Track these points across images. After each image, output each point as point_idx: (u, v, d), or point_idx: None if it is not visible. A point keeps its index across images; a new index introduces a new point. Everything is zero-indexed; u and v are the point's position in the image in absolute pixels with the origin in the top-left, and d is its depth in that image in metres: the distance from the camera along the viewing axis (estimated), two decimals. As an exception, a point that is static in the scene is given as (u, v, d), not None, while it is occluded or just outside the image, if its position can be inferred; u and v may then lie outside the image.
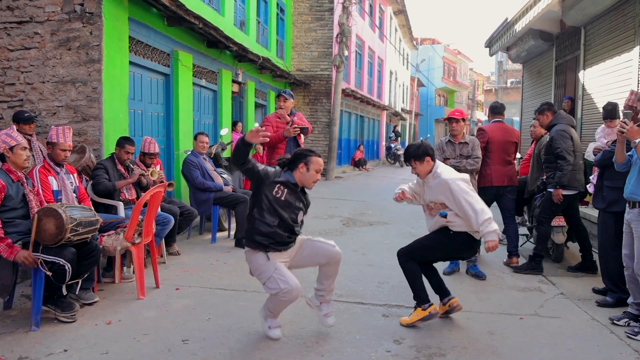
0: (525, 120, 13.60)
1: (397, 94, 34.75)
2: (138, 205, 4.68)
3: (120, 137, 5.84)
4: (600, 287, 5.15)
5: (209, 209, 7.02)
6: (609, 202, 4.78)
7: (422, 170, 4.28)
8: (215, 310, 4.42)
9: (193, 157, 7.06)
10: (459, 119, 5.74)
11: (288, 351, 3.66)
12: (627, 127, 3.99)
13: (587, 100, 9.25)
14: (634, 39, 7.42)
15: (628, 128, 3.98)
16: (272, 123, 6.64)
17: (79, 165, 5.64)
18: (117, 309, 4.40)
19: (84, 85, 6.28)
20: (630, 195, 4.10)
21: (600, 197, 4.89)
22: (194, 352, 3.60)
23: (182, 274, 5.49)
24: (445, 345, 3.82)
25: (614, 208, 4.77)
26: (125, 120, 6.95)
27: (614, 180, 4.75)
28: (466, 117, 5.88)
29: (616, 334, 4.10)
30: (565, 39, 10.48)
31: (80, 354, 3.52)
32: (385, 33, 27.56)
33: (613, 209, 4.77)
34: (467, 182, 4.19)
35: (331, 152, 16.61)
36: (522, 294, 5.14)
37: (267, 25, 14.53)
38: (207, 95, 10.32)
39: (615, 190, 4.74)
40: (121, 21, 6.72)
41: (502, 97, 54.20)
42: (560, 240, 6.23)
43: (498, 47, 13.27)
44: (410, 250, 4.33)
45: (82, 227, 4.08)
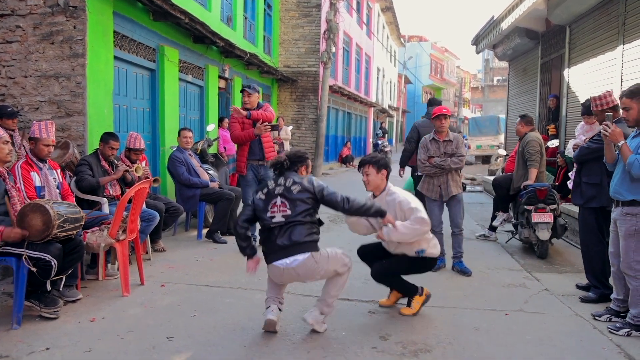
0: (511, 118, 13.69)
1: (385, 90, 34.82)
2: (122, 201, 4.64)
3: (105, 133, 5.78)
4: (583, 283, 5.20)
5: (195, 205, 6.99)
6: (587, 198, 4.82)
7: (374, 181, 4.26)
8: (200, 307, 4.39)
9: (178, 153, 7.01)
10: (448, 115, 5.74)
11: (274, 348, 3.64)
12: (609, 131, 4.03)
13: (571, 98, 9.34)
14: (617, 38, 7.50)
15: (610, 131, 4.02)
16: (237, 120, 6.37)
17: (62, 161, 5.58)
18: (101, 306, 4.35)
19: (67, 80, 6.20)
20: (614, 195, 4.13)
21: (578, 193, 4.93)
22: (179, 349, 3.57)
23: (168, 271, 5.45)
24: (430, 341, 3.83)
25: (592, 204, 4.81)
26: (110, 115, 6.88)
27: (591, 177, 4.79)
28: (451, 114, 5.89)
29: (599, 329, 4.14)
30: (551, 38, 10.57)
31: (63, 352, 3.48)
32: (373, 30, 27.58)
33: (591, 204, 4.81)
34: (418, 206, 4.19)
35: (318, 149, 16.60)
36: (507, 290, 5.17)
37: (254, 21, 14.46)
38: (193, 91, 10.25)
39: (593, 186, 4.79)
40: (106, 15, 6.64)
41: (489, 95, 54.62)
42: (545, 236, 6.28)
43: (484, 45, 13.36)
44: (385, 271, 4.37)
45: (69, 223, 4.04)
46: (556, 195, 6.49)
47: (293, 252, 3.69)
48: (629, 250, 4.01)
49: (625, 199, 4.01)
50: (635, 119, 4.01)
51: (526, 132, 6.84)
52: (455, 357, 3.58)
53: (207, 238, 6.91)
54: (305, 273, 3.74)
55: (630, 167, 3.86)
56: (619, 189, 4.06)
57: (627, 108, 4.02)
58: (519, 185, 6.76)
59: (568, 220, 7.22)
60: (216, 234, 6.88)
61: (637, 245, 3.99)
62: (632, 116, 4.01)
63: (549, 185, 6.59)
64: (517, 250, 6.89)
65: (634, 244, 3.99)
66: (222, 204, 6.90)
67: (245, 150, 6.37)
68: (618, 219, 4.10)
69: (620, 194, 4.04)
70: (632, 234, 3.99)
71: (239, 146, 6.49)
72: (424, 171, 5.81)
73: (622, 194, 4.02)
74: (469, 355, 3.62)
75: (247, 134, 6.27)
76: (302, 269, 3.71)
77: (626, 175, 3.99)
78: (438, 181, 5.72)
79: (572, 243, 7.28)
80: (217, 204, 6.97)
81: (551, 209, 6.35)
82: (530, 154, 6.61)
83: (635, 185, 3.95)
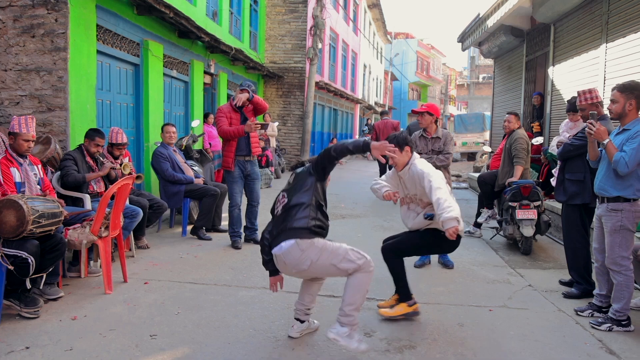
0: (496, 115, 13.77)
1: (371, 87, 34.84)
2: (105, 197, 4.57)
3: (90, 129, 5.70)
4: (566, 279, 5.25)
5: (179, 201, 6.93)
6: (570, 195, 4.86)
7: (401, 161, 4.09)
8: (184, 304, 4.35)
9: (163, 149, 6.94)
10: (423, 112, 5.75)
11: (258, 345, 3.62)
12: (594, 129, 4.06)
13: (555, 96, 9.40)
14: (601, 36, 7.56)
15: (595, 130, 4.05)
16: (225, 114, 6.26)
17: (43, 157, 5.49)
18: (83, 304, 4.29)
19: (49, 74, 6.10)
20: (599, 191, 4.17)
21: (561, 190, 4.97)
22: (162, 347, 3.53)
23: (151, 268, 5.39)
24: (415, 338, 3.83)
25: (575, 201, 4.85)
26: (93, 110, 6.78)
27: (574, 173, 4.84)
28: (436, 112, 5.85)
29: (581, 325, 4.18)
30: (536, 36, 10.64)
31: (44, 351, 3.42)
32: (359, 26, 27.56)
33: (574, 201, 4.85)
34: (442, 177, 3.99)
35: (304, 145, 16.56)
36: (492, 286, 5.20)
37: (240, 16, 14.36)
38: (178, 86, 10.15)
39: (576, 183, 4.83)
40: (88, 8, 6.54)
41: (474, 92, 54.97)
42: (529, 233, 6.32)
43: (470, 42, 13.40)
44: (397, 247, 4.22)
45: (45, 218, 3.97)
46: (540, 192, 6.54)
47: (282, 239, 3.42)
48: (615, 246, 4.05)
49: (610, 195, 4.05)
50: (618, 112, 4.06)
51: (515, 128, 6.87)
52: (440, 353, 3.59)
53: (192, 235, 6.87)
54: (291, 263, 3.39)
55: (617, 165, 3.90)
56: (604, 186, 4.10)
57: (615, 100, 4.06)
58: (504, 181, 6.80)
59: (552, 216, 7.28)
60: (201, 230, 6.84)
61: (622, 241, 4.03)
62: (617, 109, 4.06)
63: (533, 182, 6.63)
64: (502, 247, 6.94)
65: (619, 239, 4.03)
66: (207, 200, 6.86)
67: (233, 146, 6.26)
68: (603, 215, 4.14)
69: (606, 191, 4.08)
70: (618, 230, 4.03)
71: (226, 142, 6.35)
72: None
73: (608, 190, 4.07)
74: (453, 351, 3.62)
75: (236, 130, 6.14)
76: (288, 258, 3.39)
77: (611, 172, 4.04)
78: None
79: (556, 239, 7.34)
80: (201, 200, 6.92)
81: (535, 206, 6.40)
82: (517, 151, 6.65)
83: (620, 181, 3.99)
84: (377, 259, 6.03)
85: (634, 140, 3.90)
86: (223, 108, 6.36)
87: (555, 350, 3.69)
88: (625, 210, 4.00)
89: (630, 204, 4.00)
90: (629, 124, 4.02)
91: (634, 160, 3.86)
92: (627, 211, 4.00)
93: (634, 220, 4.04)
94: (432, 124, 5.83)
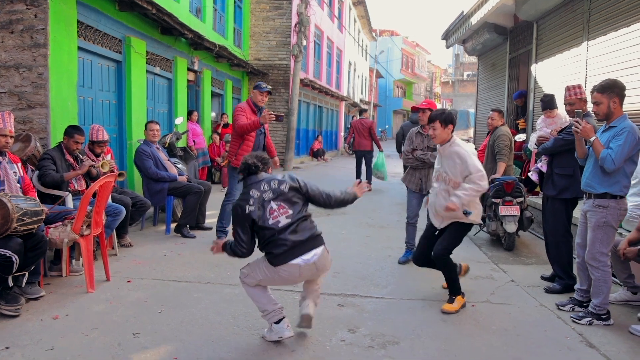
0: (480, 112, 13.86)
1: (356, 84, 34.88)
2: (86, 195, 4.53)
3: (69, 126, 5.62)
4: (548, 274, 5.31)
5: (163, 199, 6.87)
6: (559, 189, 4.92)
7: (440, 135, 4.45)
8: (167, 302, 4.32)
9: (145, 147, 6.88)
10: (425, 109, 5.76)
11: (242, 342, 3.61)
12: (580, 127, 4.11)
13: (538, 93, 9.49)
14: (582, 34, 7.65)
15: (581, 128, 4.10)
16: (245, 111, 6.28)
17: (24, 155, 5.41)
18: (65, 303, 4.25)
19: (28, 70, 6.01)
20: (585, 187, 4.23)
21: (550, 185, 5.02)
22: (145, 345, 3.51)
23: (134, 266, 5.35)
24: (399, 333, 3.85)
25: (564, 195, 4.90)
26: (74, 108, 6.70)
27: (564, 168, 4.89)
28: (434, 108, 5.88)
29: (562, 319, 4.23)
30: (519, 33, 10.72)
31: (24, 351, 3.38)
32: (344, 23, 27.56)
33: (564, 195, 4.91)
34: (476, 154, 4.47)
35: (289, 143, 16.54)
36: (475, 281, 5.24)
37: (224, 13, 14.29)
38: (161, 83, 10.08)
39: (565, 177, 4.88)
40: (68, 4, 6.45)
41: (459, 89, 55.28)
42: (512, 229, 6.38)
43: (454, 39, 13.48)
44: (448, 249, 4.52)
45: (29, 216, 3.94)
46: (523, 189, 6.60)
47: (311, 247, 3.54)
48: (596, 242, 4.11)
49: (597, 191, 4.10)
50: (605, 113, 4.10)
51: (498, 125, 6.92)
52: (423, 349, 3.61)
53: (176, 232, 6.83)
54: (322, 267, 3.63)
55: (603, 162, 3.96)
56: (590, 182, 4.15)
57: (598, 102, 4.10)
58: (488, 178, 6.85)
59: (534, 213, 7.35)
60: (185, 228, 6.80)
61: (603, 237, 4.09)
62: (602, 110, 4.10)
63: (516, 178, 6.69)
64: (485, 243, 6.99)
65: (601, 235, 4.09)
66: (190, 197, 6.81)
67: (249, 147, 6.24)
68: (589, 210, 4.19)
69: (592, 187, 4.13)
70: (601, 226, 4.08)
71: (242, 140, 6.26)
72: (407, 163, 5.92)
73: (594, 186, 4.12)
74: (436, 347, 3.65)
75: (252, 123, 6.13)
76: (320, 263, 3.58)
77: (598, 169, 4.09)
78: (420, 174, 5.79)
79: (539, 235, 7.42)
80: (185, 197, 6.88)
81: (518, 202, 6.46)
82: (500, 147, 6.70)
83: (607, 178, 4.04)
84: (364, 256, 6.05)
85: (620, 137, 3.95)
86: (243, 105, 6.37)
87: (536, 345, 3.74)
88: (611, 207, 4.05)
89: (617, 201, 4.05)
90: (614, 122, 4.07)
91: (620, 157, 3.91)
92: (612, 208, 4.05)
93: (617, 218, 4.09)
94: None
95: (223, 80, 14.18)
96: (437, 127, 4.44)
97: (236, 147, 6.29)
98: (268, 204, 3.52)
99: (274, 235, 3.49)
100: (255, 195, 3.53)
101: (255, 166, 3.62)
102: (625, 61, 6.46)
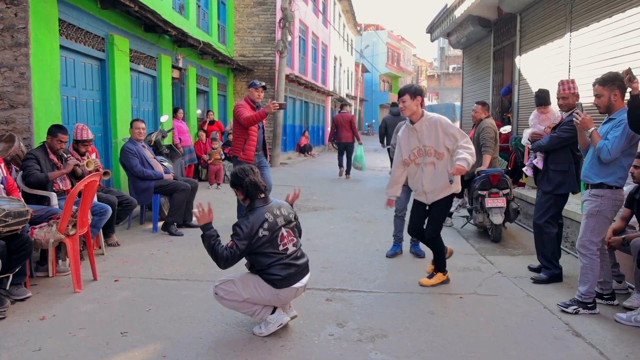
0: (465, 104, 13.92)
1: (342, 79, 34.88)
2: (71, 195, 4.49)
3: (52, 126, 5.56)
4: (535, 265, 5.36)
5: (149, 198, 6.84)
6: (555, 185, 4.98)
7: (410, 107, 4.58)
8: (155, 300, 4.31)
9: (131, 145, 6.83)
10: None
11: (231, 338, 3.61)
12: (579, 118, 4.16)
13: (523, 85, 9.55)
14: (565, 25, 7.69)
15: (581, 119, 4.16)
16: (246, 107, 6.81)
17: (7, 155, 5.35)
18: (52, 303, 4.22)
19: (10, 70, 5.94)
20: (584, 178, 4.30)
21: (545, 180, 5.07)
22: (134, 344, 3.50)
23: (122, 265, 5.32)
24: (387, 327, 3.87)
25: (560, 190, 4.97)
26: (58, 107, 6.64)
27: (559, 164, 4.96)
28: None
29: (549, 309, 4.28)
30: (503, 26, 10.76)
31: (10, 352, 3.35)
32: (329, 18, 27.52)
33: (559, 191, 4.97)
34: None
35: (276, 139, 16.51)
36: (462, 273, 5.28)
37: (208, 9, 14.20)
38: (145, 81, 10.00)
39: (560, 173, 4.95)
40: (49, 3, 6.37)
41: (445, 83, 55.46)
42: (498, 221, 6.42)
43: (439, 33, 13.50)
44: (438, 229, 4.79)
45: (12, 217, 3.89)
46: (509, 180, 6.65)
47: (306, 272, 3.80)
48: (587, 230, 4.17)
49: (593, 182, 4.17)
50: (606, 105, 4.16)
51: (482, 118, 6.96)
52: (412, 341, 3.63)
53: (163, 231, 6.80)
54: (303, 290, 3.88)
55: (600, 152, 4.03)
56: (588, 173, 4.22)
57: (599, 95, 4.15)
58: (473, 170, 6.89)
59: (520, 204, 7.41)
60: (172, 226, 6.77)
61: (595, 226, 4.14)
62: (603, 103, 4.15)
63: (501, 170, 6.74)
64: (472, 235, 7.04)
65: (594, 223, 4.15)
66: (177, 195, 6.79)
67: (254, 141, 6.80)
68: (585, 200, 4.25)
69: (590, 177, 4.20)
70: (594, 214, 4.14)
71: (246, 136, 6.75)
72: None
73: (591, 177, 4.19)
74: (424, 339, 3.67)
75: (258, 114, 6.65)
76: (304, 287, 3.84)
77: (596, 160, 4.16)
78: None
79: (525, 226, 7.49)
80: (172, 195, 6.85)
81: (504, 194, 6.51)
82: (485, 140, 6.74)
83: (605, 168, 4.10)
84: (352, 250, 6.06)
85: (617, 129, 4.02)
86: (242, 103, 6.89)
87: (523, 335, 3.77)
88: (606, 197, 4.10)
89: (612, 191, 4.10)
90: (614, 114, 4.14)
91: (616, 147, 3.98)
92: (607, 198, 4.10)
93: (612, 208, 4.13)
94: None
95: (208, 77, 14.10)
96: (406, 99, 4.59)
97: (242, 142, 6.78)
98: (279, 230, 3.61)
99: (281, 260, 3.59)
100: (270, 220, 3.58)
101: (265, 188, 3.71)
102: (607, 52, 6.51)
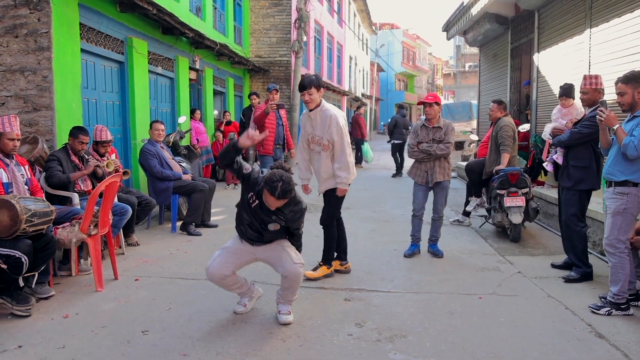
0: (483, 103, 13.83)
1: (357, 79, 34.82)
2: (93, 195, 4.56)
3: (74, 127, 5.65)
4: (558, 262, 5.30)
5: (168, 198, 6.91)
6: (575, 181, 4.94)
7: (315, 100, 4.70)
8: (175, 300, 4.36)
9: (150, 146, 6.91)
10: (432, 102, 5.76)
11: (250, 338, 3.64)
12: (604, 115, 4.13)
13: (541, 82, 9.46)
14: (585, 21, 7.61)
15: (605, 116, 4.12)
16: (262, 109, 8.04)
17: (31, 156, 5.45)
18: (74, 302, 4.29)
19: (33, 74, 6.04)
20: (607, 175, 4.25)
21: (566, 176, 5.03)
22: (154, 342, 3.54)
23: (142, 265, 5.39)
24: (406, 327, 3.87)
25: (580, 186, 4.93)
26: (79, 109, 6.73)
27: (580, 160, 4.91)
28: (440, 101, 5.89)
29: (571, 310, 4.23)
30: (520, 23, 10.67)
31: (36, 349, 3.42)
32: (344, 18, 27.49)
33: (580, 187, 4.93)
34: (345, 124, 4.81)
35: (293, 138, 16.51)
36: (481, 273, 5.25)
37: (224, 11, 14.28)
38: (163, 83, 10.10)
39: (581, 169, 4.90)
40: (70, 7, 6.47)
41: (461, 81, 55.11)
42: (517, 220, 6.37)
43: (455, 31, 13.43)
44: (331, 217, 4.99)
45: (37, 217, 3.97)
46: (528, 179, 6.59)
47: None
48: (614, 228, 4.12)
49: (618, 179, 4.11)
50: (629, 103, 4.12)
51: (500, 116, 6.92)
52: (431, 342, 3.63)
53: (182, 231, 6.87)
54: None
55: (626, 149, 3.98)
56: (612, 170, 4.16)
57: (622, 93, 4.12)
58: (492, 169, 6.85)
59: (540, 203, 7.35)
60: (190, 226, 6.83)
61: (622, 224, 4.10)
62: (627, 100, 4.12)
63: (520, 169, 6.69)
64: (491, 235, 7.00)
65: (620, 222, 4.10)
66: (195, 195, 6.85)
67: (272, 135, 8.03)
68: (609, 198, 4.20)
69: (614, 175, 4.14)
70: (620, 212, 4.09)
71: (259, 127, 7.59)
72: (412, 156, 5.92)
73: (616, 174, 4.13)
74: (443, 339, 3.66)
75: (260, 113, 7.95)
76: None
77: (620, 157, 4.10)
78: (425, 167, 5.79)
79: (545, 226, 7.42)
80: (190, 196, 6.91)
81: (523, 193, 6.45)
82: (503, 138, 6.69)
83: (630, 165, 4.05)
84: (370, 250, 6.07)
85: None
86: (260, 106, 8.47)
87: (545, 336, 3.74)
88: (632, 195, 4.05)
89: (638, 188, 4.05)
90: (638, 111, 4.09)
91: None
92: (633, 195, 4.05)
93: (638, 206, 4.08)
94: (438, 114, 5.86)
95: (225, 78, 14.19)
96: (313, 92, 4.68)
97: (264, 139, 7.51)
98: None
99: None
100: None
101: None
102: (629, 47, 6.43)
